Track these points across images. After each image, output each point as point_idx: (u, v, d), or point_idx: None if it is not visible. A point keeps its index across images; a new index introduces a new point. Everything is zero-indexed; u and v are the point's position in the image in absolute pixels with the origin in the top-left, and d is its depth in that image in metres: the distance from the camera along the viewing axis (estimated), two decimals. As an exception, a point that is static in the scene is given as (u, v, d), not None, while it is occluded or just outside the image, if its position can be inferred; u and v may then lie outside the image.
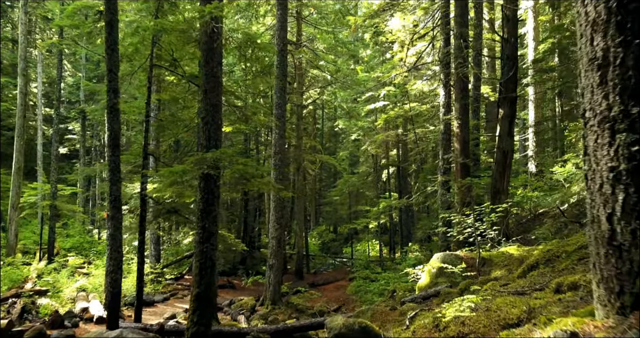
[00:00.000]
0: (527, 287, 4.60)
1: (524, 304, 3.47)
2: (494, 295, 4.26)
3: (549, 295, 3.61)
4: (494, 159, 13.00)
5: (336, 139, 43.55)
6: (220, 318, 13.23)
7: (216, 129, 7.22)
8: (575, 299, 3.12)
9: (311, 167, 27.27)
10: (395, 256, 25.79)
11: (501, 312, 3.43)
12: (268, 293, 14.58)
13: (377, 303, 15.37)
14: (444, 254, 8.89)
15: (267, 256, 14.88)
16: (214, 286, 7.08)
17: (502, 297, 4.12)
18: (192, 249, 18.86)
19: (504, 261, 8.20)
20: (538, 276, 5.13)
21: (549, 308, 3.07)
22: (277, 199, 14.69)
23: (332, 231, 38.25)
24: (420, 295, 8.08)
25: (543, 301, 3.41)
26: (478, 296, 3.56)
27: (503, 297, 4.10)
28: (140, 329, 8.17)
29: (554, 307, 3.10)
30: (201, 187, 7.10)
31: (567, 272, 4.84)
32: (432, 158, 24.26)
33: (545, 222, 14.26)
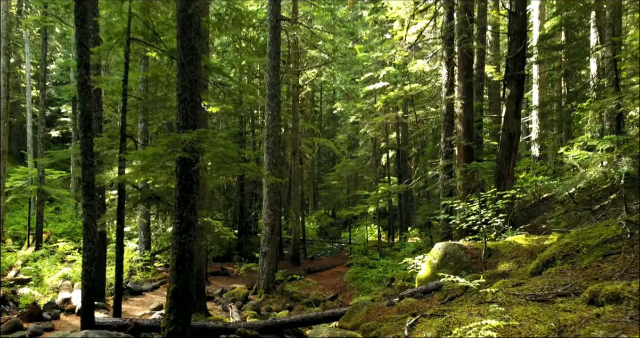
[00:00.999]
0: (546, 290, 3.92)
1: (551, 318, 2.80)
2: (509, 302, 3.58)
3: (580, 306, 2.93)
4: (499, 141, 12.27)
5: (335, 123, 42.74)
6: (211, 308, 12.66)
7: (194, 108, 6.48)
8: (621, 317, 2.45)
9: (308, 151, 26.54)
10: (394, 241, 25.25)
11: (522, 328, 2.76)
12: (261, 281, 14.01)
13: (374, 292, 14.83)
14: (446, 244, 8.22)
15: (260, 243, 14.26)
16: (193, 280, 6.44)
17: (519, 304, 3.43)
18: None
19: (511, 253, 7.54)
20: (557, 276, 4.45)
21: (587, 328, 2.40)
22: (271, 184, 13.99)
23: (331, 216, 37.71)
24: (420, 289, 7.44)
25: (575, 316, 2.73)
26: (500, 320, 2.85)
27: (521, 305, 3.41)
28: (116, 327, 7.55)
29: (593, 326, 2.43)
30: (178, 172, 6.39)
31: (592, 271, 4.16)
32: (433, 141, 23.51)
33: (551, 208, 13.60)
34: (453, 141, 12.19)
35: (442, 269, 7.99)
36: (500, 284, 4.71)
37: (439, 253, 8.14)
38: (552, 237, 7.56)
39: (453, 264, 7.84)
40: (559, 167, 22.54)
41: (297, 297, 14.61)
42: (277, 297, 13.88)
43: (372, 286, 15.65)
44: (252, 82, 25.36)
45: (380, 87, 21.96)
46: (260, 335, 7.72)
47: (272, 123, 14.01)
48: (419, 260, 9.42)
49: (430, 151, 21.54)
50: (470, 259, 7.83)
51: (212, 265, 19.47)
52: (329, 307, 13.98)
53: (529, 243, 7.77)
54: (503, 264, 7.13)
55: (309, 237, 29.86)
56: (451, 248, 8.06)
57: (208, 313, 11.31)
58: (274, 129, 14.02)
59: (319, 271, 19.72)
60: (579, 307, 2.90)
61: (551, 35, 15.56)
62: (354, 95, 27.10)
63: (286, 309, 13.29)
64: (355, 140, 34.77)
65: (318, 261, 22.59)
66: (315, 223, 33.72)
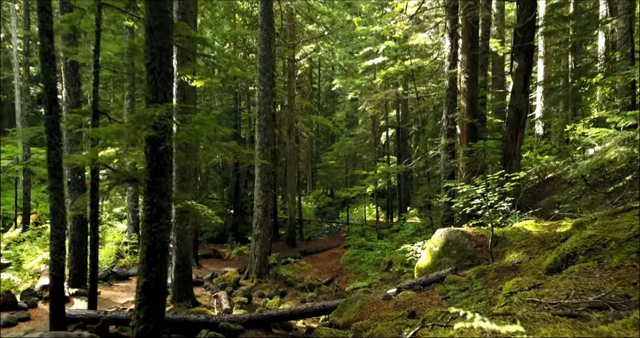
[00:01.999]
0: (574, 297, 3.23)
1: (594, 349, 2.11)
2: (531, 316, 2.89)
3: (631, 331, 2.23)
4: (505, 118, 11.49)
5: (334, 100, 41.79)
6: (200, 294, 12.10)
7: (165, 79, 5.69)
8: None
9: (305, 129, 25.72)
10: (393, 221, 24.67)
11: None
12: (253, 265, 13.42)
13: (371, 277, 14.28)
14: (448, 230, 7.54)
15: (253, 226, 13.62)
16: (166, 274, 5.77)
17: (545, 321, 2.75)
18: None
19: (520, 241, 6.87)
20: (583, 276, 3.76)
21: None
22: (263, 164, 13.25)
23: (329, 195, 37.09)
24: (419, 281, 6.79)
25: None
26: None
27: (547, 321, 2.73)
28: (89, 320, 6.94)
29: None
30: (147, 152, 5.65)
31: (627, 273, 3.47)
32: (434, 119, 22.68)
33: (557, 189, 12.90)
34: (456, 119, 11.41)
35: (443, 258, 7.34)
36: (514, 285, 4.03)
37: (441, 240, 7.47)
38: (565, 223, 6.87)
39: (456, 252, 7.17)
40: (564, 146, 21.79)
41: (291, 281, 14.05)
42: (269, 281, 13.31)
43: (369, 270, 15.10)
44: (247, 57, 24.36)
45: (379, 62, 20.99)
46: (246, 329, 7.12)
47: (264, 99, 13.19)
48: (418, 246, 8.76)
49: (431, 129, 20.73)
50: (474, 247, 7.17)
51: (205, 247, 18.92)
52: (323, 292, 13.43)
53: (539, 229, 7.09)
54: (511, 254, 6.45)
55: (307, 217, 29.29)
56: (454, 235, 7.38)
57: (195, 301, 10.74)
58: (267, 106, 13.20)
59: (315, 253, 19.16)
60: (629, 334, 2.20)
61: (562, 4, 14.58)
62: (352, 70, 26.13)
63: (279, 295, 12.74)
64: (354, 118, 33.90)
65: (315, 243, 22.04)
66: (313, 202, 33.12)
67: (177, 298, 10.30)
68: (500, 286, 4.77)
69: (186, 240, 10.36)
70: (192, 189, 10.51)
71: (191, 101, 15.50)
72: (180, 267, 10.29)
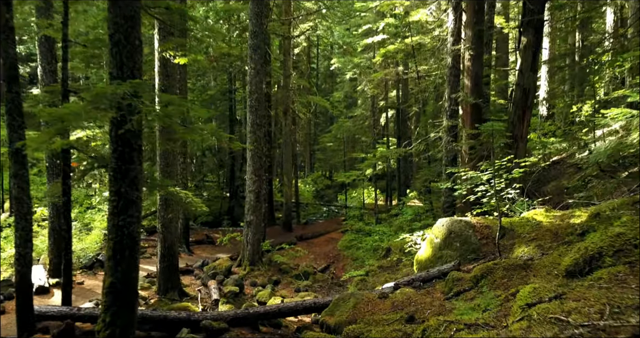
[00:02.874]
0: (610, 317, 2.61)
1: None
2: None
3: None
4: (512, 98, 10.79)
5: (332, 80, 40.86)
6: (189, 283, 11.58)
7: (132, 53, 4.98)
8: None
9: (302, 110, 24.95)
10: (392, 205, 24.12)
11: None
12: (246, 252, 12.87)
13: (369, 264, 13.76)
14: (450, 220, 6.93)
15: (245, 212, 13.03)
16: (136, 272, 5.17)
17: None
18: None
19: (530, 233, 6.26)
20: (615, 285, 3.15)
21: None
22: (255, 147, 12.59)
23: (328, 177, 36.49)
24: (419, 276, 6.20)
25: None
26: None
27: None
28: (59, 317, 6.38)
29: None
30: (112, 136, 4.98)
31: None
32: (434, 100, 21.92)
33: (564, 173, 12.26)
34: (459, 99, 10.70)
35: (445, 250, 6.74)
36: (531, 293, 3.41)
37: (442, 231, 6.86)
38: (579, 213, 6.25)
39: (459, 245, 6.57)
40: (569, 127, 21.06)
41: (285, 268, 13.54)
42: (263, 269, 12.79)
43: (366, 256, 14.58)
44: (243, 35, 23.43)
45: (379, 40, 20.13)
46: (230, 327, 6.57)
47: (256, 78, 12.44)
48: (418, 236, 8.16)
49: (432, 110, 20.00)
50: (479, 240, 6.56)
51: (198, 232, 18.39)
52: (318, 280, 12.93)
53: (551, 220, 6.47)
54: (521, 248, 5.85)
55: (305, 200, 28.74)
56: (457, 225, 6.77)
57: (183, 292, 10.21)
58: (258, 85, 12.46)
59: (311, 238, 18.63)
60: None
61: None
62: (351, 49, 25.21)
63: (272, 283, 12.22)
64: (352, 99, 33.07)
65: (312, 227, 21.50)
66: (311, 185, 32.55)
67: (162, 290, 9.77)
68: (511, 290, 4.17)
69: (172, 229, 9.77)
70: (177, 174, 9.87)
71: (181, 81, 14.75)
72: (165, 257, 9.73)
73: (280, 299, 8.76)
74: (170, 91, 9.48)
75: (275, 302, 8.73)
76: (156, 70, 9.44)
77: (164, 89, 9.41)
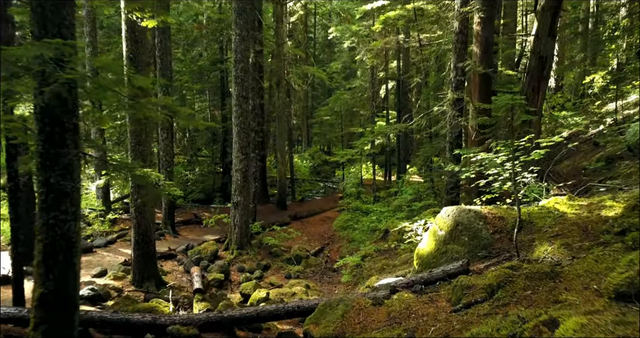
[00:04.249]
0: None
1: None
2: None
3: None
4: (526, 68, 9.68)
5: (330, 50, 39.33)
6: (170, 269, 10.74)
7: (57, 6, 3.89)
8: None
9: (298, 82, 23.69)
10: (391, 181, 23.20)
11: None
12: (233, 236, 11.99)
13: (366, 247, 12.90)
14: (457, 209, 5.95)
15: (232, 193, 12.08)
16: (75, 279, 4.24)
17: None
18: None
19: (552, 226, 5.29)
20: None
21: None
22: (241, 122, 11.52)
23: (326, 152, 35.44)
24: (420, 278, 5.27)
25: None
26: None
27: None
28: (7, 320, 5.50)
29: None
30: (37, 113, 3.96)
31: None
32: (436, 71, 20.66)
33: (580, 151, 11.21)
34: (467, 68, 9.57)
35: (451, 244, 5.80)
36: (577, 334, 2.45)
37: (448, 223, 5.90)
38: (610, 204, 5.27)
39: (467, 239, 5.62)
40: (579, 100, 19.86)
41: (276, 251, 12.69)
42: (251, 253, 11.93)
43: (363, 238, 13.73)
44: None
45: (378, 6, 18.71)
46: (202, 333, 5.70)
47: (241, 45, 11.26)
48: (419, 226, 7.20)
49: (434, 82, 18.80)
50: (491, 234, 5.60)
51: (187, 211, 17.49)
52: (311, 265, 12.10)
53: (576, 210, 5.50)
54: (543, 246, 4.90)
55: (301, 176, 27.81)
56: (465, 216, 5.80)
57: (161, 281, 9.35)
58: (244, 53, 11.29)
59: (306, 217, 17.77)
60: None
61: None
62: (349, 16, 23.75)
63: (261, 268, 11.40)
64: (351, 70, 31.69)
65: (307, 205, 20.63)
66: (308, 160, 31.53)
67: (137, 280, 8.91)
68: (540, 312, 3.22)
69: (146, 213, 8.82)
70: (151, 154, 8.86)
71: (163, 49, 13.54)
72: (140, 244, 8.82)
73: (265, 292, 7.90)
74: (140, 60, 8.36)
75: (260, 294, 7.88)
76: (123, 35, 8.30)
77: (132, 58, 8.29)
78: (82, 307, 7.23)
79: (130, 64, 8.30)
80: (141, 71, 8.42)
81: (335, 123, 26.98)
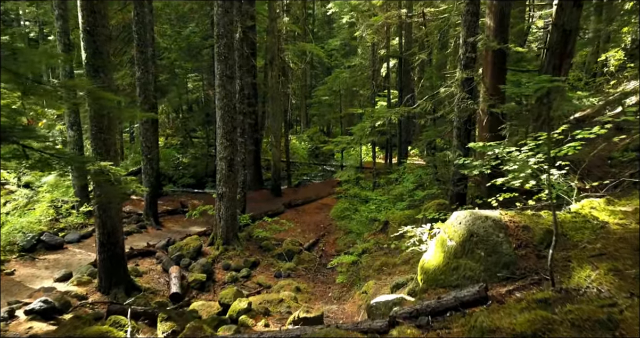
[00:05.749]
0: None
1: None
2: None
3: None
4: (546, 43, 8.46)
5: (330, 27, 37.74)
6: (147, 269, 9.74)
7: None
8: None
9: (294, 59, 22.37)
10: (392, 164, 22.10)
11: None
12: (218, 230, 10.97)
13: (364, 239, 11.89)
14: (471, 216, 4.86)
15: (216, 183, 11.00)
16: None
17: None
18: (140, 164, 14.94)
19: (593, 242, 4.21)
20: None
21: None
22: (225, 104, 10.36)
23: (325, 133, 34.20)
24: (425, 307, 4.21)
25: None
26: None
27: None
28: None
29: None
30: None
31: None
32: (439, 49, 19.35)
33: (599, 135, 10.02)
34: (479, 43, 8.35)
35: (463, 259, 4.74)
36: None
37: (460, 232, 4.82)
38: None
39: (484, 255, 4.56)
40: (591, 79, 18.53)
41: (267, 245, 11.70)
42: (239, 248, 10.93)
43: (361, 229, 12.70)
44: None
45: (380, -24, 17.31)
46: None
47: (224, 18, 10.01)
48: (422, 232, 6.11)
49: (437, 60, 17.49)
50: (514, 249, 4.53)
51: (174, 199, 16.44)
52: (304, 261, 11.13)
53: (621, 220, 4.42)
54: (584, 270, 3.82)
55: (299, 159, 26.71)
56: (480, 225, 4.71)
57: (133, 285, 8.36)
58: (227, 27, 10.05)
59: (301, 204, 16.75)
60: None
61: None
62: (348, -11, 22.24)
63: (249, 265, 10.42)
64: (351, 47, 30.22)
65: (303, 190, 19.57)
66: (307, 142, 30.35)
67: (104, 286, 7.90)
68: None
69: (112, 211, 7.75)
70: (115, 144, 7.74)
71: (138, 24, 12.28)
72: (105, 246, 7.78)
73: (247, 302, 6.88)
74: (99, 33, 7.17)
75: (240, 305, 6.86)
76: (78, 4, 7.09)
77: (88, 30, 7.10)
78: (32, 323, 6.25)
79: (87, 37, 7.12)
80: (101, 46, 7.24)
81: (334, 103, 25.71)
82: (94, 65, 7.23)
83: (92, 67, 7.25)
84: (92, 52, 7.20)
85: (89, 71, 7.26)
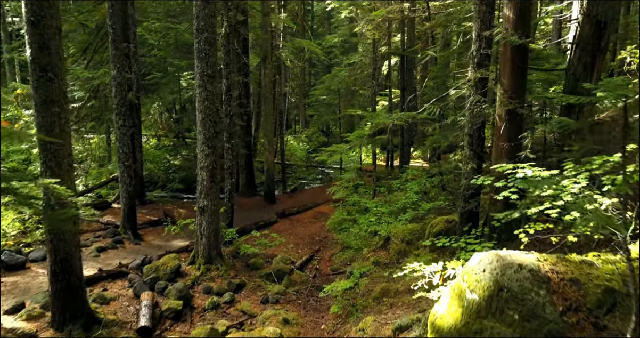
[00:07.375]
0: None
1: None
2: None
3: None
4: (575, 37, 7.27)
5: (329, 23, 36.60)
6: (116, 294, 8.57)
7: None
8: None
9: (290, 57, 21.18)
10: (393, 167, 20.93)
11: None
12: (200, 247, 9.82)
13: (362, 256, 10.74)
14: (499, 261, 3.70)
15: (197, 196, 9.83)
16: None
17: None
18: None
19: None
20: None
21: None
22: (206, 107, 9.19)
23: (325, 133, 33.05)
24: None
25: None
26: None
27: None
28: None
29: None
30: None
31: None
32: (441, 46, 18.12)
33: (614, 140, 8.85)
34: (496, 37, 7.17)
35: (490, 321, 3.57)
36: None
37: (484, 283, 3.66)
38: None
39: (518, 318, 3.39)
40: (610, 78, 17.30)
41: (255, 263, 10.55)
42: (222, 268, 9.77)
43: (360, 244, 11.54)
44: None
45: (381, -32, 16.11)
46: None
47: (205, 10, 8.84)
48: (434, 272, 4.94)
49: (445, 56, 16.28)
50: (560, 315, 3.35)
51: (159, 208, 15.25)
52: (296, 282, 9.98)
53: None
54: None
55: (297, 161, 25.55)
56: (513, 276, 3.55)
57: (93, 318, 7.20)
58: (208, 21, 8.87)
59: (296, 213, 15.59)
60: None
61: None
62: (347, -18, 21.08)
63: (233, 289, 9.27)
64: (350, 44, 29.02)
65: (299, 196, 18.40)
66: (305, 143, 29.18)
67: (57, 321, 6.75)
68: None
69: (65, 235, 6.58)
70: (69, 154, 6.59)
71: (115, 18, 11.13)
72: (58, 275, 6.62)
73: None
74: (47, 24, 6.01)
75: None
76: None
77: (33, 21, 5.94)
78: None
79: (31, 30, 5.97)
80: (49, 40, 6.09)
81: (332, 103, 24.52)
82: (41, 63, 6.09)
83: (39, 66, 6.11)
84: (38, 47, 6.05)
85: (34, 70, 6.11)
